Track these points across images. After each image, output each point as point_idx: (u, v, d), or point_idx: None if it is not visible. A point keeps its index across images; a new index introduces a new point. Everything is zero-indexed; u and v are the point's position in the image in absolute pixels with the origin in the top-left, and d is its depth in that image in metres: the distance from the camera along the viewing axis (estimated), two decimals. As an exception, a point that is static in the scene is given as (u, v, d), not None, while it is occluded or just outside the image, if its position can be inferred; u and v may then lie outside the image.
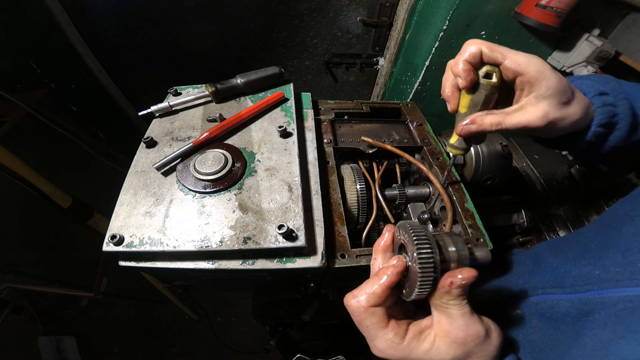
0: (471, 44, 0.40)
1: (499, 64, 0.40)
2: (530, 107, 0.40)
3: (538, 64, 0.39)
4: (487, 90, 0.41)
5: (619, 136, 0.44)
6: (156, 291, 1.71)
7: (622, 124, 0.44)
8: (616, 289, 0.36)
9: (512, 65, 0.39)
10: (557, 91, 0.39)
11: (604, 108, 0.43)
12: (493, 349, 0.36)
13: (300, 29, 1.33)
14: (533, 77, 0.39)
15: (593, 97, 0.44)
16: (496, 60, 0.40)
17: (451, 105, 0.45)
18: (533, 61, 0.39)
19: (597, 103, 0.43)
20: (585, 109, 0.42)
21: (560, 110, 0.40)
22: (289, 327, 0.91)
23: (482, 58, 0.40)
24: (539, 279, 0.49)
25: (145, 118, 0.63)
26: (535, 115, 0.39)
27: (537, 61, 0.39)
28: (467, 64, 0.40)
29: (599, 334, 0.35)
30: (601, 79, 0.46)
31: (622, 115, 0.43)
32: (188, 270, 0.47)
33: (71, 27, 1.17)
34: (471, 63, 0.40)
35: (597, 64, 1.08)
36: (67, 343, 1.73)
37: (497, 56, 0.39)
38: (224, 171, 0.51)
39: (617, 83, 0.46)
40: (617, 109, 0.43)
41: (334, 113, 0.74)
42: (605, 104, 0.43)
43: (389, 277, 0.35)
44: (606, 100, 0.43)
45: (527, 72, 0.39)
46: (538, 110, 0.39)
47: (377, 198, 0.63)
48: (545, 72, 0.39)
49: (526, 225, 0.81)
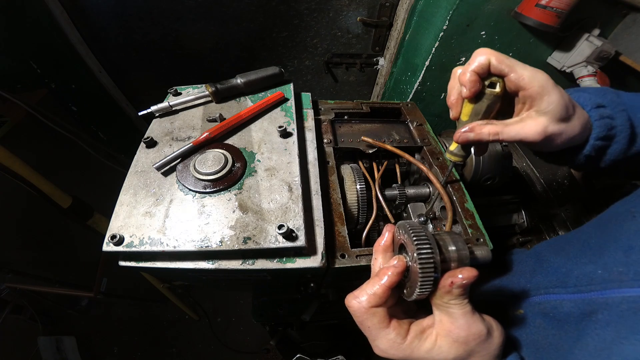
0: (480, 54, 0.40)
1: (504, 76, 0.40)
2: (529, 120, 0.40)
3: (542, 80, 0.39)
4: (490, 99, 0.41)
5: (617, 149, 0.45)
6: (156, 291, 1.71)
7: (620, 137, 0.44)
8: (620, 289, 0.36)
9: (517, 79, 0.39)
10: (558, 107, 0.39)
11: (602, 121, 0.43)
12: (495, 348, 0.36)
13: (300, 29, 1.33)
14: (535, 92, 0.39)
15: (591, 110, 0.44)
16: (502, 72, 0.40)
17: (453, 112, 0.45)
18: (537, 77, 0.39)
19: (595, 116, 0.43)
20: (584, 124, 0.42)
21: (559, 126, 0.40)
22: (289, 327, 0.91)
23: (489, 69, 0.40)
24: (542, 278, 0.49)
25: (145, 118, 0.63)
26: (534, 130, 0.40)
27: (541, 77, 0.39)
28: (474, 74, 0.40)
29: (602, 334, 0.35)
30: (599, 91, 0.46)
31: (620, 127, 0.43)
32: (188, 270, 0.47)
33: (71, 27, 1.16)
34: (478, 74, 0.40)
35: (597, 64, 1.08)
36: (67, 343, 1.73)
37: (503, 68, 0.39)
38: (224, 171, 0.51)
39: (616, 95, 0.46)
40: (615, 121, 0.43)
41: (334, 113, 0.74)
42: (603, 116, 0.43)
43: (389, 278, 0.35)
44: (604, 113, 0.43)
45: (530, 88, 0.39)
46: (537, 125, 0.40)
47: (377, 198, 0.63)
48: (548, 88, 0.39)
49: (526, 225, 0.81)
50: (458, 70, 0.42)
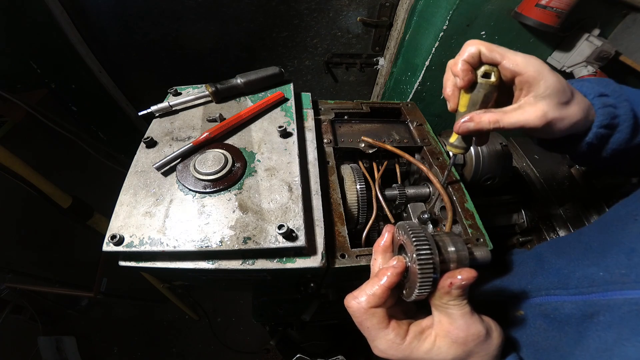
0: (470, 45, 0.40)
1: (497, 64, 0.40)
2: (528, 106, 0.40)
3: (536, 64, 0.39)
4: (486, 89, 0.41)
5: (620, 138, 0.44)
6: (156, 291, 1.71)
7: (623, 126, 0.44)
8: (622, 291, 0.36)
9: (510, 65, 0.39)
10: (556, 91, 0.39)
11: (605, 109, 0.43)
12: (494, 349, 0.36)
13: (300, 29, 1.33)
14: (531, 76, 0.39)
15: (594, 99, 0.43)
16: (494, 60, 0.40)
17: (451, 104, 0.45)
18: (531, 61, 0.39)
19: (598, 104, 0.43)
20: (586, 110, 0.42)
21: (560, 110, 0.40)
22: (289, 327, 0.91)
23: (481, 58, 0.40)
24: (543, 280, 0.48)
25: (145, 118, 0.63)
26: (534, 115, 0.39)
27: (535, 61, 0.39)
28: (465, 64, 0.40)
29: (603, 336, 0.35)
30: (601, 81, 0.46)
31: (623, 116, 0.43)
32: (188, 270, 0.47)
33: (71, 27, 1.16)
34: (470, 63, 0.40)
35: (597, 64, 1.08)
36: (67, 343, 1.73)
37: (495, 56, 0.40)
38: (224, 171, 0.51)
39: (617, 85, 0.46)
40: (618, 110, 0.43)
41: (334, 113, 0.74)
42: (606, 105, 0.43)
43: (388, 278, 0.35)
44: (607, 102, 0.43)
45: (526, 72, 0.39)
46: (537, 110, 0.39)
47: (377, 198, 0.63)
48: (544, 72, 0.39)
49: (526, 225, 0.81)
50: (450, 62, 0.43)
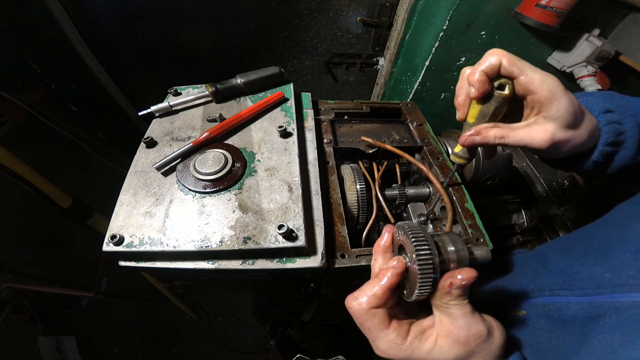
0: (492, 54, 0.39)
1: (514, 78, 0.39)
2: (537, 126, 0.40)
3: (551, 85, 0.38)
4: (498, 101, 0.40)
5: (626, 155, 0.44)
6: (156, 291, 1.71)
7: (629, 142, 0.43)
8: (630, 293, 0.35)
9: (526, 82, 0.38)
10: (567, 114, 0.38)
11: (610, 126, 0.42)
12: (496, 348, 0.36)
13: (300, 29, 1.33)
14: (544, 97, 0.38)
15: (598, 115, 0.43)
16: (512, 74, 0.39)
17: (460, 113, 0.44)
18: (547, 81, 0.38)
19: (603, 121, 0.42)
20: (592, 130, 0.41)
21: (567, 133, 0.39)
22: (289, 327, 0.91)
23: (500, 70, 0.39)
24: (546, 280, 0.48)
25: (145, 118, 0.63)
26: (541, 136, 0.39)
27: (551, 81, 0.38)
28: (483, 74, 0.39)
29: (609, 337, 0.35)
30: (606, 95, 0.45)
31: (629, 133, 0.43)
32: (188, 270, 0.47)
33: (71, 27, 1.16)
34: (488, 75, 0.39)
35: (597, 64, 1.08)
36: (67, 343, 1.73)
37: (514, 70, 0.38)
38: (224, 171, 0.51)
39: (622, 99, 0.45)
40: (624, 126, 0.42)
41: (334, 113, 0.74)
42: (611, 121, 0.42)
43: (389, 279, 0.35)
44: (612, 118, 0.42)
45: (540, 92, 0.38)
46: (544, 131, 0.39)
47: (377, 198, 0.63)
48: (557, 93, 0.38)
49: (526, 225, 0.81)
50: (467, 71, 0.41)
